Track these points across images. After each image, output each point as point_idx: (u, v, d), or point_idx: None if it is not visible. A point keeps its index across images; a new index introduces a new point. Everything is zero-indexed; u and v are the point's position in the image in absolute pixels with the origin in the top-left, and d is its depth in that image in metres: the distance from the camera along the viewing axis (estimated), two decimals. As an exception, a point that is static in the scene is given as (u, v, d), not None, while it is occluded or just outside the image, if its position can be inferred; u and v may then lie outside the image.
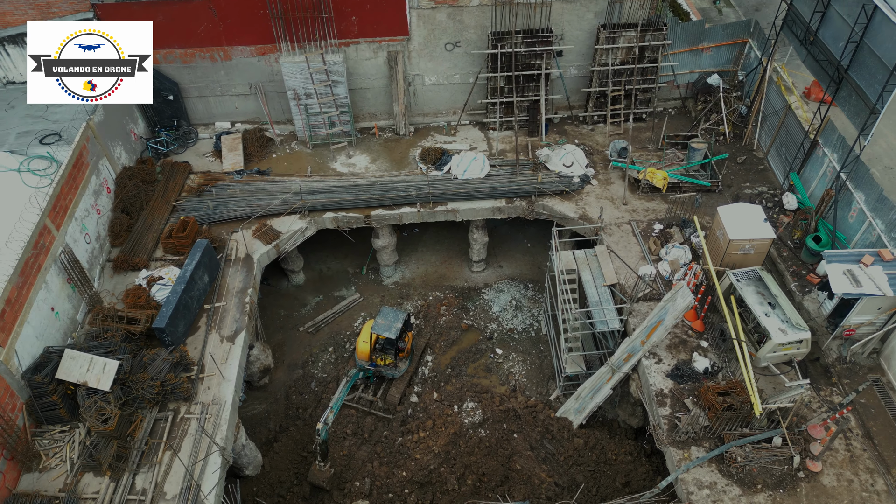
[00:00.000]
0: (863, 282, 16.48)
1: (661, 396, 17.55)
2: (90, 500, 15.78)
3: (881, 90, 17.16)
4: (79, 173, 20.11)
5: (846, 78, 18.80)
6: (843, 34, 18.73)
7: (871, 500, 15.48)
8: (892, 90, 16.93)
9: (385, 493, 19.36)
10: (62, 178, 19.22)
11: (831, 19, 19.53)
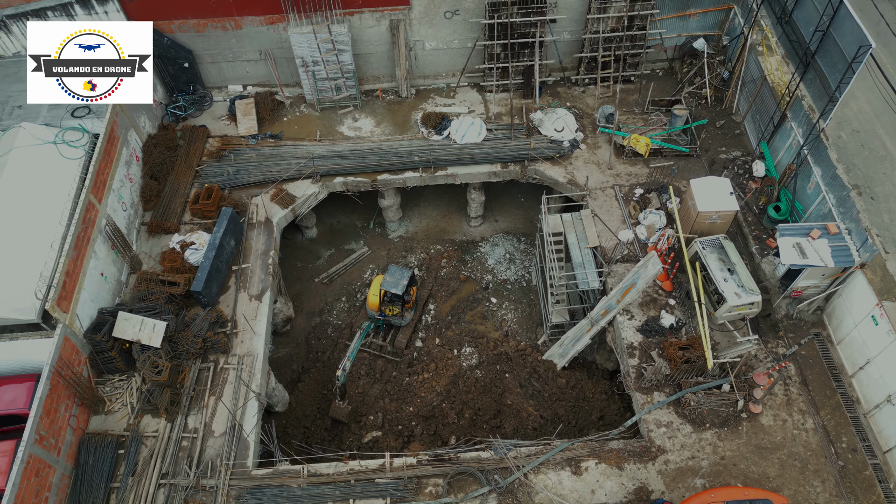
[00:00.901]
0: (808, 254, 18.99)
1: (631, 349, 20.47)
2: (151, 437, 18.97)
3: (840, 80, 18.97)
4: (112, 148, 22.08)
5: (812, 62, 20.50)
6: (814, 20, 20.26)
7: (800, 436, 18.69)
8: (849, 81, 18.75)
9: (395, 426, 22.69)
10: (98, 155, 21.21)
11: (805, 3, 20.95)
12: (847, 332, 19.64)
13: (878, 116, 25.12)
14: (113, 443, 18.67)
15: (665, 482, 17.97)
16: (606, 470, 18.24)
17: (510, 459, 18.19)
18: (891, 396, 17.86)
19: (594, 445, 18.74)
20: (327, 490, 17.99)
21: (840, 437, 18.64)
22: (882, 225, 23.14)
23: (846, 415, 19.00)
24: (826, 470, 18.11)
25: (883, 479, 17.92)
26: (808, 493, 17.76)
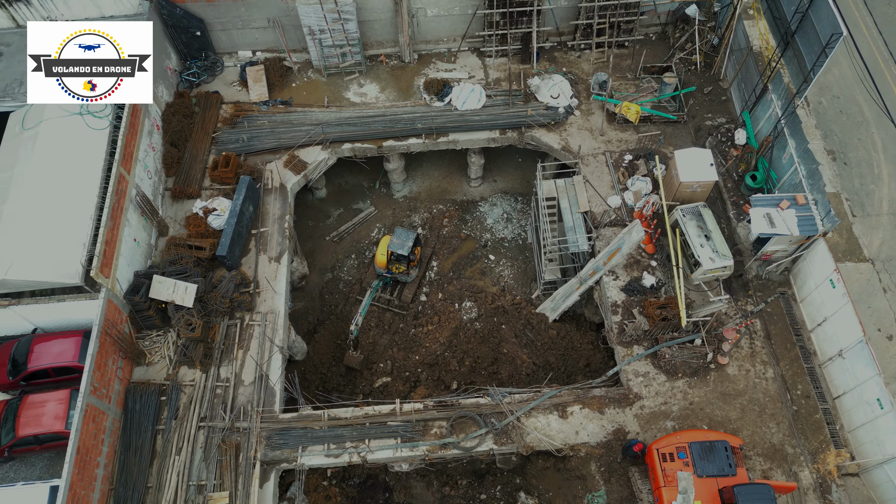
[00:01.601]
0: (777, 224, 20.96)
1: (615, 306, 22.74)
2: (189, 385, 21.48)
3: (814, 62, 20.40)
4: (136, 120, 23.62)
5: (792, 41, 21.82)
6: (795, 0, 21.45)
7: (760, 384, 21.21)
8: (822, 65, 20.20)
9: (403, 372, 25.27)
10: (125, 128, 22.81)
11: (794, -28, 22.03)
12: (809, 292, 21.87)
13: (859, 83, 26.49)
14: (155, 391, 21.20)
15: (640, 424, 20.60)
16: (589, 414, 20.84)
17: (505, 405, 20.75)
18: (841, 351, 20.24)
19: (579, 392, 21.27)
20: (345, 431, 20.64)
21: (796, 385, 21.16)
22: (852, 189, 25.11)
23: (803, 365, 21.47)
24: (781, 413, 20.70)
25: (831, 422, 20.54)
26: (763, 434, 20.41)
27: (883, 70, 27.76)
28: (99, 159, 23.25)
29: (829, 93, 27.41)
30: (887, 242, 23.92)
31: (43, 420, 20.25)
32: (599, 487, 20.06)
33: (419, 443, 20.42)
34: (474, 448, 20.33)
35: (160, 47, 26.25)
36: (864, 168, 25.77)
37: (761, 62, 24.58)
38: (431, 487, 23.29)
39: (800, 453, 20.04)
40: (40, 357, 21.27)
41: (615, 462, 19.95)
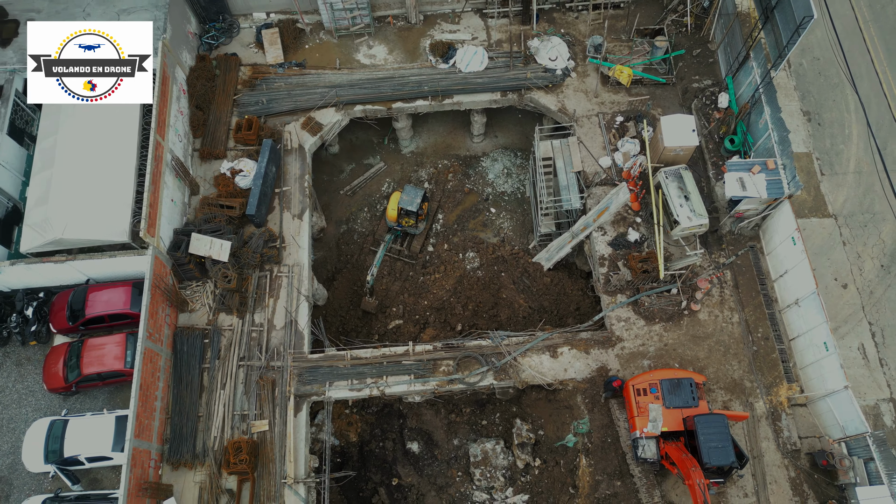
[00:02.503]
0: (748, 187, 23.43)
1: (602, 259, 25.53)
2: (227, 330, 24.56)
3: (788, 39, 22.29)
4: (166, 89, 25.62)
5: (770, 16, 23.56)
6: (777, -27, 23.05)
7: (726, 328, 24.27)
8: (795, 43, 22.10)
9: (413, 315, 28.36)
10: (157, 98, 24.84)
11: (773, -48, 23.53)
12: (774, 246, 24.59)
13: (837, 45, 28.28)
14: (199, 335, 24.29)
15: (620, 363, 23.81)
16: (577, 354, 24.02)
17: (504, 347, 23.89)
18: (798, 300, 23.17)
19: (568, 335, 24.39)
20: (366, 369, 23.87)
21: (757, 329, 24.23)
22: (823, 149, 27.62)
23: (765, 311, 24.48)
24: (743, 353, 23.87)
25: (785, 360, 23.73)
26: (726, 371, 23.65)
27: (862, 30, 29.51)
28: (134, 124, 25.55)
29: (811, 54, 29.32)
30: (850, 199, 26.64)
31: (105, 360, 23.46)
32: (584, 416, 23.47)
33: (429, 379, 23.70)
34: (477, 383, 23.63)
35: (181, 12, 27.88)
36: (836, 128, 28.08)
37: (747, 25, 26.25)
38: (439, 415, 26.83)
39: (756, 387, 23.34)
40: (95, 305, 24.24)
41: (598, 395, 23.27)
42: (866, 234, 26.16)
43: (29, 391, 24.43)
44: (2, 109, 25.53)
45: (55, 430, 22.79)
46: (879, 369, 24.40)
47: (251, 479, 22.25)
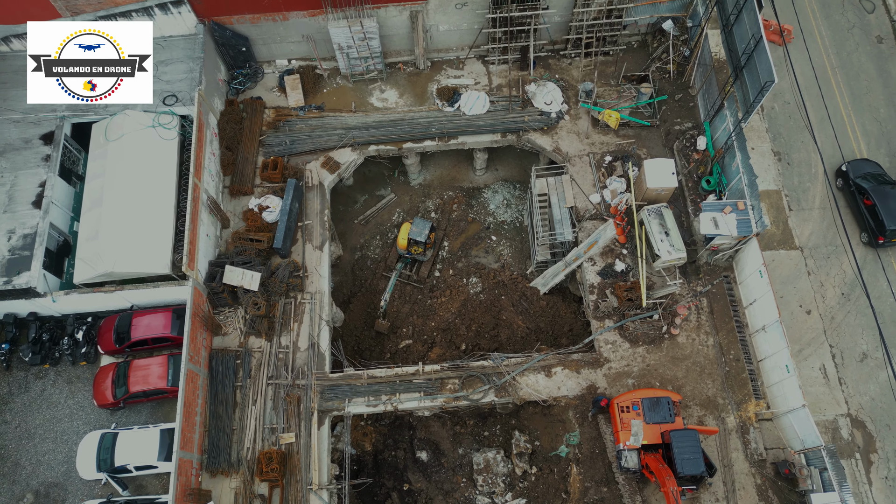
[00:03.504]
0: (721, 225, 26.38)
1: (592, 287, 28.48)
2: (257, 351, 27.51)
3: (754, 98, 25.24)
4: (202, 135, 28.56)
5: (740, 74, 26.51)
6: (745, 40, 26.02)
7: (702, 350, 27.20)
8: (759, 102, 25.04)
9: (422, 336, 31.33)
10: (195, 144, 27.81)
11: (741, 23, 26.50)
12: (745, 277, 27.54)
13: (807, 90, 31.34)
14: (232, 356, 27.25)
15: (608, 382, 26.75)
16: (569, 373, 26.97)
17: (503, 367, 26.83)
18: (764, 326, 26.11)
19: (561, 357, 27.33)
20: (380, 387, 26.82)
21: (730, 351, 27.17)
22: (792, 187, 30.58)
23: (737, 335, 27.41)
24: (717, 373, 26.81)
25: (754, 379, 26.66)
26: (702, 389, 26.58)
27: (830, 76, 32.56)
28: (172, 166, 28.58)
29: (782, 98, 32.30)
30: (815, 233, 29.61)
31: (149, 379, 26.42)
32: (575, 429, 26.42)
33: (437, 396, 26.65)
34: (480, 400, 26.59)
35: (213, 63, 30.81)
36: (804, 168, 31.07)
37: (724, 73, 29.09)
38: (446, 426, 29.78)
39: (728, 403, 26.28)
40: (139, 329, 27.21)
41: (588, 411, 26.21)
42: (829, 265, 29.08)
43: (79, 406, 27.36)
44: (53, 153, 28.42)
45: (106, 441, 25.73)
46: (839, 387, 27.32)
47: (280, 485, 25.20)
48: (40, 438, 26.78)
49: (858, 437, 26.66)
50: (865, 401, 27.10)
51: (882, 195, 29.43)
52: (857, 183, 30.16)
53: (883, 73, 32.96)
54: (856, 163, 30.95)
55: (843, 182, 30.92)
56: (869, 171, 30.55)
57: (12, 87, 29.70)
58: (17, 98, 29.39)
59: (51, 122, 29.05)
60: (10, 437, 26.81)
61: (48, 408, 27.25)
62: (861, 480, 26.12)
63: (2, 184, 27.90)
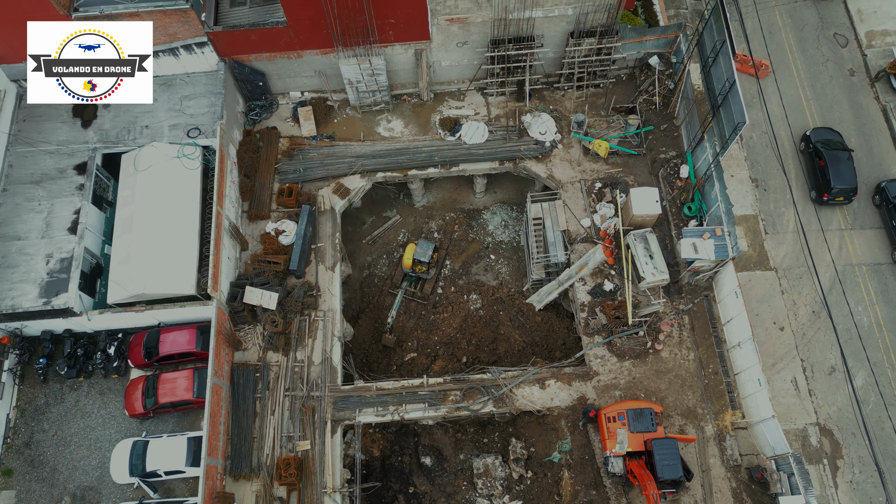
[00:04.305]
0: (700, 250, 28.79)
1: (582, 305, 30.91)
2: (275, 365, 29.93)
3: (728, 136, 27.67)
4: (223, 166, 30.97)
5: (717, 112, 28.95)
6: (721, 81, 28.47)
7: (684, 364, 29.62)
8: (733, 140, 27.47)
9: (425, 349, 33.76)
10: (217, 174, 30.25)
11: (718, 65, 28.95)
12: (723, 297, 29.96)
13: (782, 120, 33.87)
14: (252, 370, 29.67)
15: (597, 393, 29.17)
16: (561, 386, 29.38)
17: (501, 380, 29.24)
18: (740, 343, 28.52)
19: (554, 370, 29.75)
20: (388, 398, 29.23)
21: (708, 365, 29.57)
22: (768, 212, 33.02)
23: (716, 350, 29.81)
24: (697, 385, 29.21)
25: (731, 391, 29.06)
26: (683, 400, 28.99)
27: (805, 108, 35.05)
28: (196, 194, 31.02)
29: (759, 129, 34.78)
30: (789, 255, 32.06)
31: (177, 391, 28.84)
32: (567, 437, 28.84)
33: (440, 406, 29.07)
34: (479, 410, 29.00)
35: (232, 97, 33.26)
36: (779, 194, 33.51)
37: (705, 106, 31.48)
38: (448, 434, 32.20)
39: (707, 413, 28.69)
40: (167, 345, 29.63)
41: (578, 420, 28.63)
42: (801, 285, 31.49)
43: (111, 416, 29.77)
44: (87, 182, 30.87)
45: (138, 448, 28.15)
46: (808, 398, 29.74)
47: (297, 488, 27.62)
48: (76, 445, 29.17)
49: (826, 445, 29.08)
50: (833, 411, 29.52)
51: (834, 159, 33.33)
52: (816, 146, 34.06)
53: (854, 105, 35.41)
54: (818, 130, 34.84)
55: (805, 145, 34.83)
56: (828, 138, 34.38)
57: (47, 119, 32.20)
58: (52, 131, 31.95)
59: (83, 153, 31.51)
60: (48, 445, 29.21)
61: (82, 417, 29.64)
62: (828, 484, 28.54)
63: (39, 211, 30.34)
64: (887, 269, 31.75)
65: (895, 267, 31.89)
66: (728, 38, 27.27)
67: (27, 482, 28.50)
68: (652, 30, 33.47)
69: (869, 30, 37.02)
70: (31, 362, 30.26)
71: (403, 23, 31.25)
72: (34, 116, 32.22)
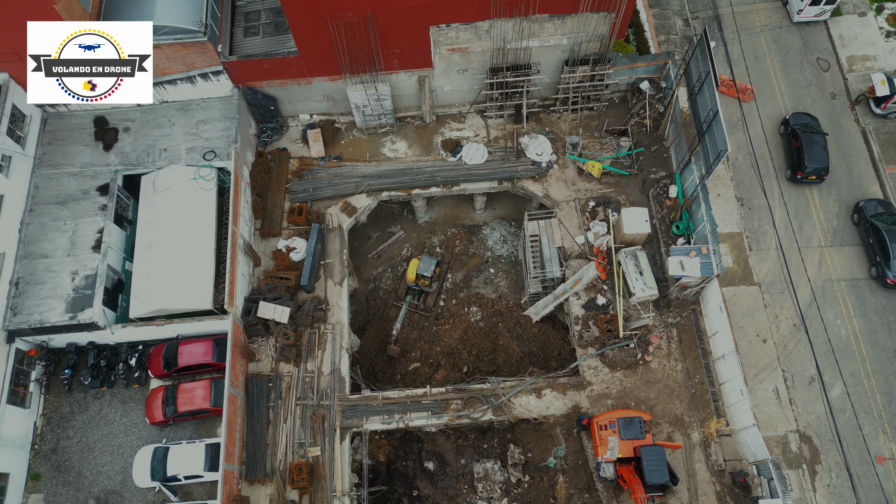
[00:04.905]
0: (686, 268, 30.64)
1: (577, 319, 32.75)
2: (287, 376, 31.77)
3: (712, 161, 29.52)
4: (237, 187, 32.80)
5: (702, 138, 30.80)
6: (706, 110, 30.32)
7: (672, 375, 31.45)
8: (716, 166, 29.32)
9: (428, 359, 35.60)
10: (233, 196, 32.10)
11: (703, 94, 30.81)
12: (709, 311, 31.80)
13: (767, 141, 35.72)
14: (265, 380, 31.51)
15: (590, 402, 31.01)
16: (556, 395, 31.23)
17: (500, 389, 31.09)
18: (724, 355, 30.36)
19: (550, 380, 31.59)
20: (394, 407, 31.07)
21: (695, 375, 31.41)
22: (752, 229, 34.88)
23: (702, 362, 31.65)
24: (684, 395, 31.05)
25: (716, 400, 30.90)
26: (671, 409, 30.82)
27: (789, 130, 36.72)
28: (211, 213, 32.87)
29: (745, 150, 36.61)
30: (771, 271, 33.90)
31: (195, 400, 30.65)
32: (562, 443, 30.68)
33: (443, 414, 30.91)
34: (479, 418, 30.85)
35: (245, 121, 35.12)
36: (763, 213, 35.36)
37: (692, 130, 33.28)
38: (450, 440, 34.04)
39: (693, 421, 30.53)
40: (185, 356, 31.42)
41: (572, 428, 30.47)
42: (783, 300, 33.32)
43: (133, 424, 31.59)
44: (109, 203, 32.72)
45: (158, 454, 29.96)
46: (789, 407, 31.57)
47: (309, 492, 29.46)
48: (99, 451, 30.98)
49: (805, 451, 30.92)
50: (812, 419, 31.36)
51: (809, 141, 36.18)
52: (794, 128, 36.89)
53: (835, 127, 37.28)
54: (797, 114, 37.64)
55: (784, 128, 37.68)
56: (805, 122, 37.23)
57: (70, 143, 34.08)
58: (76, 154, 33.83)
59: (105, 175, 33.37)
60: (73, 451, 31.04)
61: (105, 425, 31.46)
62: (807, 488, 30.38)
63: (65, 230, 32.20)
64: (864, 285, 33.61)
65: (872, 282, 33.76)
66: (712, 70, 29.12)
67: (54, 486, 30.31)
68: (642, 57, 35.33)
69: (850, 55, 38.89)
70: (56, 373, 32.05)
71: (408, 52, 33.14)
72: (58, 140, 34.10)
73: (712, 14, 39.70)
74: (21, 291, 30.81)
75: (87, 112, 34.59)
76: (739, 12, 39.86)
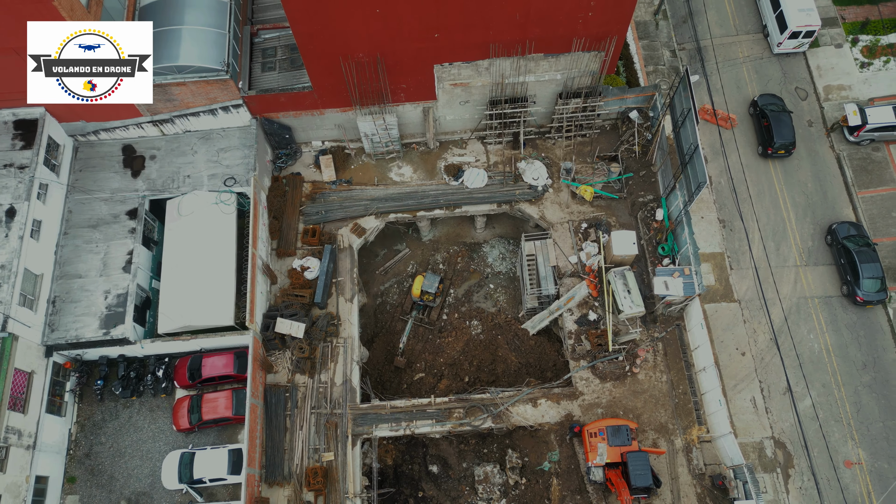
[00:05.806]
0: (670, 287, 33.32)
1: (570, 333, 35.43)
2: (302, 386, 34.45)
3: (694, 190, 32.19)
4: (256, 212, 35.50)
5: (685, 168, 33.47)
6: (688, 142, 32.98)
7: (657, 385, 34.13)
8: (697, 195, 31.99)
9: (432, 370, 38.30)
10: (252, 221, 34.77)
11: (686, 127, 33.48)
12: (692, 327, 34.49)
13: (747, 167, 38.41)
14: (282, 390, 34.18)
15: (581, 411, 33.68)
16: (551, 404, 33.90)
17: (499, 399, 33.77)
18: (705, 367, 33.04)
19: (545, 391, 34.27)
20: (400, 415, 33.75)
21: (679, 386, 34.09)
22: (733, 249, 37.53)
23: (685, 373, 34.32)
24: (668, 404, 33.72)
25: (698, 409, 33.56)
26: (657, 417, 33.49)
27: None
28: (231, 235, 35.56)
29: (726, 175, 39.25)
30: (750, 288, 36.56)
31: (218, 409, 33.34)
32: (555, 449, 33.36)
33: (446, 422, 33.58)
34: (480, 425, 33.53)
35: (262, 149, 37.80)
36: (743, 234, 38.01)
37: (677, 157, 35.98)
38: (452, 445, 36.72)
39: (676, 428, 33.20)
40: (208, 368, 34.11)
41: (565, 435, 33.15)
42: (761, 315, 36.00)
43: (160, 430, 34.27)
44: (138, 226, 35.40)
45: (185, 459, 32.65)
46: (765, 415, 34.25)
47: (324, 494, 32.15)
48: (129, 456, 33.67)
49: (780, 456, 33.60)
50: (786, 426, 34.04)
51: (777, 119, 40.01)
52: (762, 109, 40.78)
53: (811, 153, 39.95)
54: (764, 96, 41.60)
55: (753, 109, 41.67)
56: (772, 102, 41.08)
57: (100, 170, 36.77)
58: (105, 180, 36.50)
59: (134, 200, 36.05)
60: (105, 456, 33.72)
61: (135, 431, 34.14)
62: (781, 490, 33.06)
63: (97, 252, 34.88)
64: (836, 302, 36.28)
65: (843, 300, 36.43)
66: (693, 108, 31.79)
67: (88, 488, 33.00)
68: (632, 90, 37.99)
69: (826, 84, 41.55)
70: (89, 383, 34.73)
71: (414, 87, 35.83)
72: (89, 167, 36.78)
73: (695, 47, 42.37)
74: (58, 309, 33.49)
75: (115, 141, 37.29)
76: (723, 44, 42.53)
